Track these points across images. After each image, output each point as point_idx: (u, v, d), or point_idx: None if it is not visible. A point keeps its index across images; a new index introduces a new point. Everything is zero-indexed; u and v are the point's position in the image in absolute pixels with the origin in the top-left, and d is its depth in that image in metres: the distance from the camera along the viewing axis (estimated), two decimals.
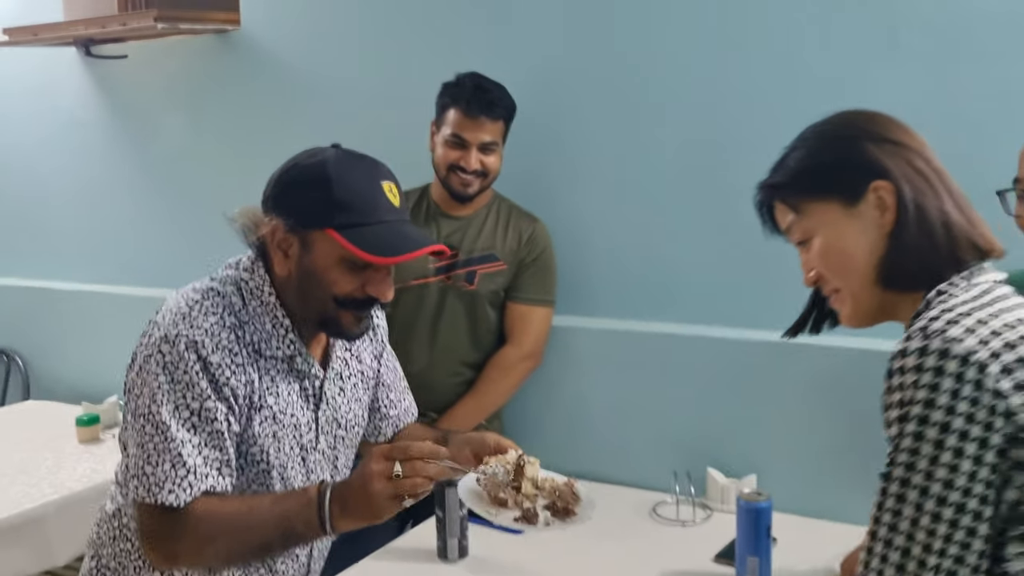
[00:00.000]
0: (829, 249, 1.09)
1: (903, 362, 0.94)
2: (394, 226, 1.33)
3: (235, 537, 1.29)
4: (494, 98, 2.14)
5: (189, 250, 2.88)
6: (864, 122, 1.11)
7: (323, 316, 1.36)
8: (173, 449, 1.27)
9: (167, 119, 2.98)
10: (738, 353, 2.13)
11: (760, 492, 1.72)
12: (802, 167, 1.12)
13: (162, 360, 1.29)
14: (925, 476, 0.91)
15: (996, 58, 1.86)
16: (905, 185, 1.04)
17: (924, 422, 0.91)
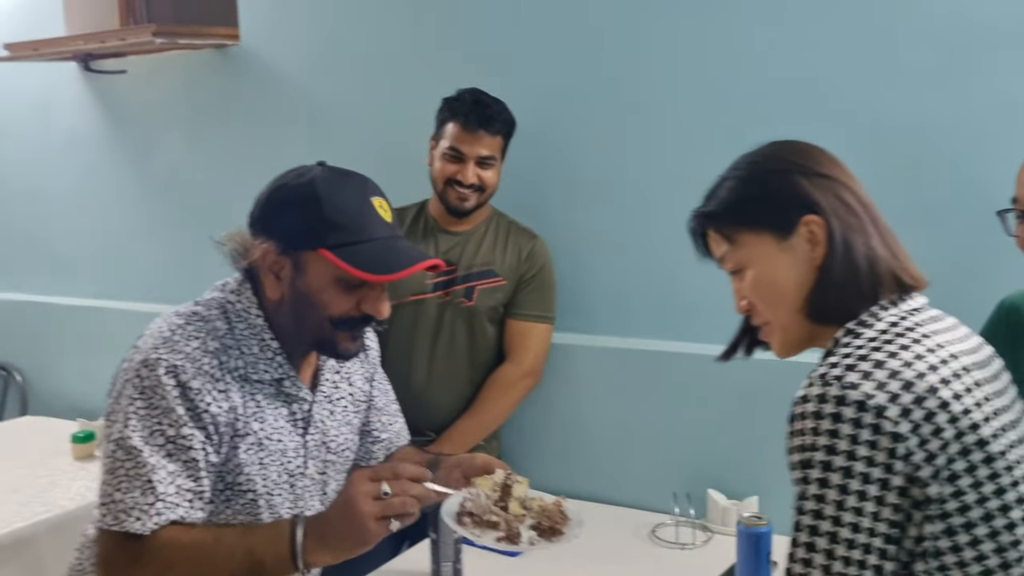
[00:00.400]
0: (761, 281, 1.11)
1: (803, 408, 0.96)
2: (388, 242, 1.30)
3: (197, 568, 1.23)
4: (493, 113, 2.12)
5: (189, 266, 2.87)
6: (796, 155, 1.12)
7: (319, 338, 1.34)
8: (144, 475, 1.23)
9: (166, 134, 2.97)
10: (742, 373, 2.07)
11: (760, 516, 1.68)
12: (736, 198, 1.13)
13: (140, 384, 1.26)
14: (832, 522, 0.93)
15: (998, 72, 1.84)
16: (835, 220, 1.06)
17: (827, 468, 0.93)
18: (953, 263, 1.85)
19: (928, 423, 0.93)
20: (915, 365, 0.96)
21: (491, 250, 2.22)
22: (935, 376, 0.95)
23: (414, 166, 2.25)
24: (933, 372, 0.95)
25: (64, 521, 2.18)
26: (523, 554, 1.92)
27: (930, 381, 0.94)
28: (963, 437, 0.94)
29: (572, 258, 2.30)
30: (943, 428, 0.93)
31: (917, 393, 0.93)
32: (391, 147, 2.48)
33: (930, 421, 0.93)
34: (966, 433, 0.94)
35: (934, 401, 0.93)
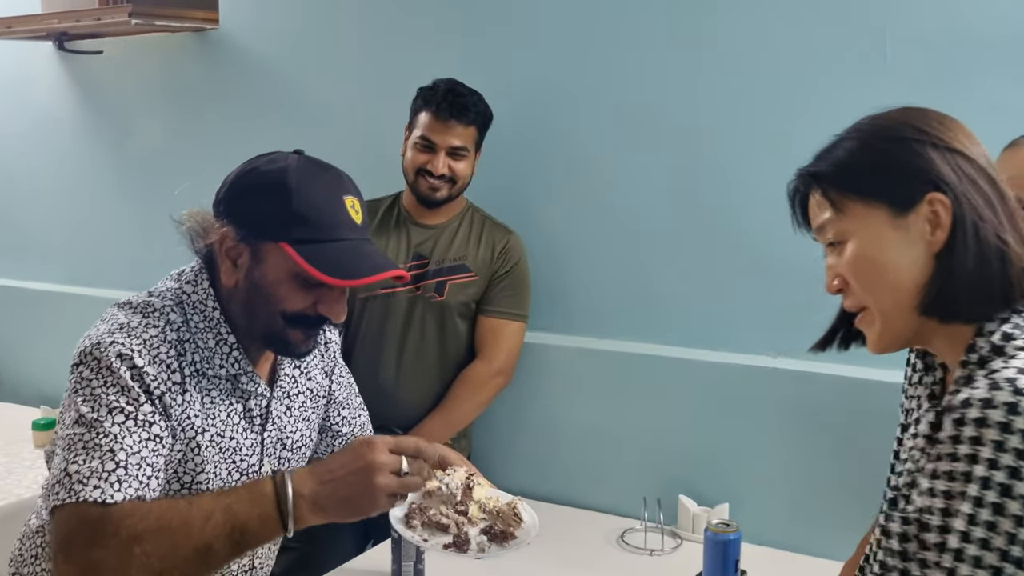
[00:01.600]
0: (863, 258, 0.97)
1: (986, 413, 0.83)
2: (354, 245, 1.25)
3: (170, 537, 1.10)
4: (467, 103, 2.08)
5: (163, 253, 2.78)
6: (930, 124, 0.97)
7: (269, 333, 1.28)
8: (104, 445, 1.14)
9: (143, 118, 2.92)
10: (716, 377, 2.06)
11: (729, 523, 1.64)
12: (853, 161, 0.99)
13: (95, 366, 1.19)
14: (1001, 556, 0.83)
15: (986, 77, 1.80)
16: (965, 203, 0.93)
17: (1007, 493, 0.82)
18: None
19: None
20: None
21: (464, 244, 2.17)
22: None
23: (393, 157, 2.20)
24: None
25: (17, 510, 2.12)
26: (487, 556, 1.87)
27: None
28: None
29: (548, 255, 2.26)
30: None
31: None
32: (370, 136, 2.43)
33: None
34: None
35: None
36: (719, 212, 2.07)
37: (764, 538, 1.89)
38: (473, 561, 1.83)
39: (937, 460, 0.87)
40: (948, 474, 0.86)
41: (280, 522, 1.12)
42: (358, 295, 2.15)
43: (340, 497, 1.13)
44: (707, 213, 2.08)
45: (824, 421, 1.92)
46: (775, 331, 2.00)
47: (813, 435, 1.95)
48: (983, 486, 0.83)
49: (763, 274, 2.01)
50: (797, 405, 1.95)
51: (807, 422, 1.94)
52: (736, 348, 2.06)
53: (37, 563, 1.33)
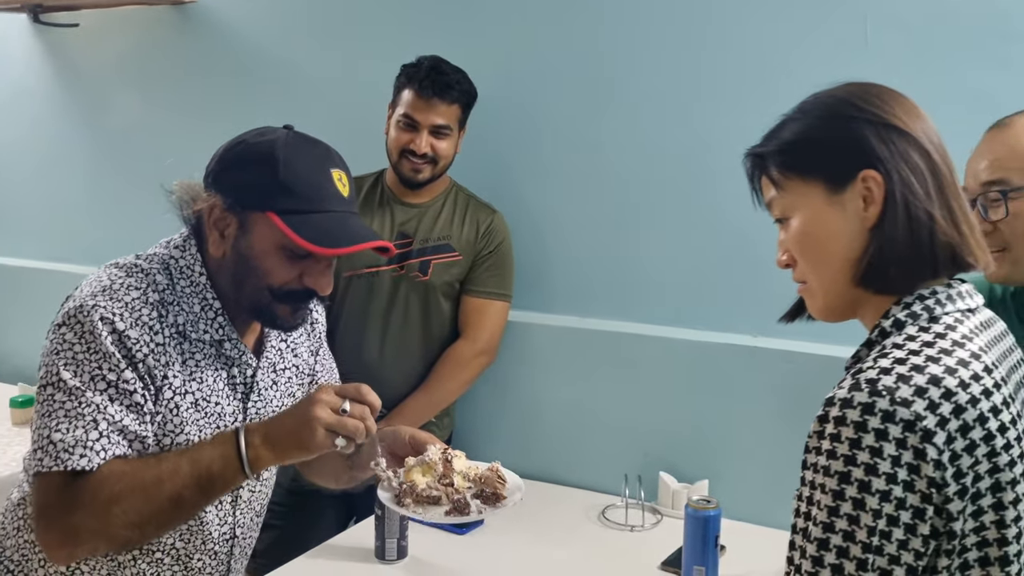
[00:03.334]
0: (805, 233, 1.01)
1: (845, 412, 0.87)
2: (339, 217, 1.26)
3: (144, 493, 1.17)
4: (450, 80, 2.07)
5: (141, 229, 2.76)
6: (870, 101, 0.99)
7: (256, 305, 1.30)
8: (88, 414, 1.18)
9: (119, 92, 2.88)
10: (698, 356, 2.08)
11: (709, 499, 1.66)
12: (792, 140, 1.02)
13: (79, 330, 1.20)
14: (863, 548, 0.86)
15: (965, 63, 1.82)
16: (896, 179, 0.95)
17: (865, 489, 0.86)
18: None
19: (968, 454, 0.86)
20: (971, 387, 0.88)
21: (448, 224, 2.17)
22: (987, 403, 0.88)
23: (377, 132, 2.19)
24: (986, 398, 0.88)
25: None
26: (469, 531, 1.90)
27: (982, 408, 0.87)
28: (998, 473, 0.87)
29: (532, 235, 2.26)
30: (980, 461, 0.87)
31: (965, 420, 0.86)
32: (352, 113, 2.41)
33: (971, 453, 0.86)
34: (1002, 470, 0.88)
35: (979, 432, 0.87)
36: (701, 192, 2.08)
37: (743, 514, 1.92)
38: (456, 537, 1.87)
39: (806, 452, 0.92)
40: (814, 466, 0.90)
41: (239, 460, 1.19)
42: (342, 274, 2.15)
43: (285, 430, 1.19)
44: (689, 193, 2.09)
45: (803, 399, 1.92)
46: (756, 310, 2.02)
47: (792, 413, 1.96)
48: (842, 480, 0.87)
49: (745, 253, 2.03)
50: (777, 383, 1.98)
51: (786, 400, 1.97)
52: (717, 327, 2.08)
53: (19, 535, 1.34)
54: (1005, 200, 1.29)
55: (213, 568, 1.39)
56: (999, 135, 1.33)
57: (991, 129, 1.36)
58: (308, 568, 1.74)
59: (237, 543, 1.42)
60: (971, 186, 1.35)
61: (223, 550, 1.39)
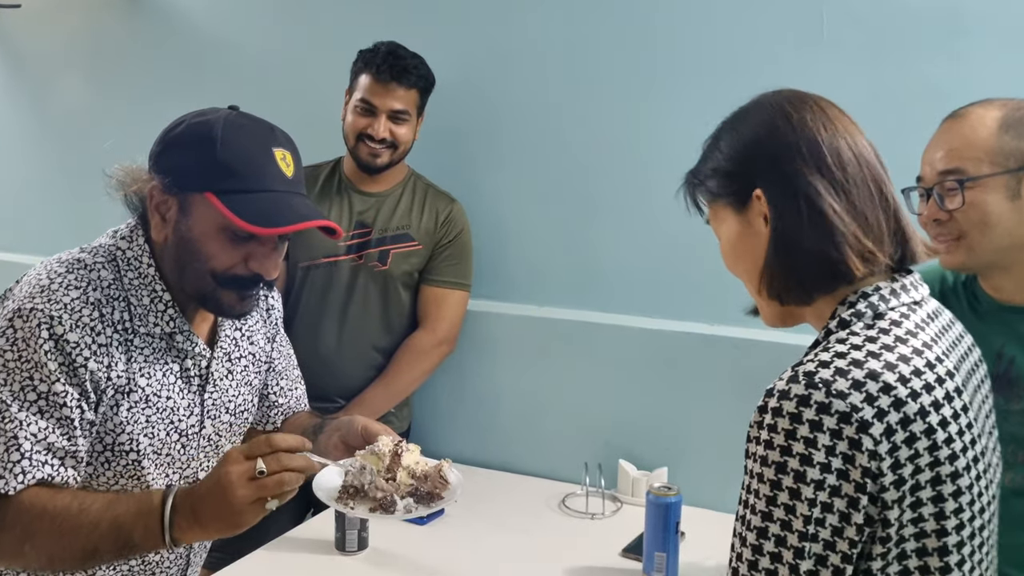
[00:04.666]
0: (726, 251, 1.07)
1: (781, 404, 0.89)
2: (282, 197, 1.22)
3: (58, 539, 1.14)
4: (408, 65, 2.06)
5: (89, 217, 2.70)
6: (773, 114, 1.01)
7: (200, 291, 1.25)
8: (10, 431, 1.14)
9: (65, 76, 2.81)
10: (655, 344, 2.10)
11: (670, 487, 1.68)
12: (705, 164, 1.08)
13: (13, 336, 1.16)
14: (799, 536, 0.88)
15: (919, 56, 1.86)
16: (781, 193, 0.98)
17: (800, 478, 0.88)
18: None
19: (907, 447, 0.88)
20: (911, 382, 0.89)
21: (407, 213, 2.15)
22: (928, 398, 0.89)
23: (333, 120, 2.17)
24: (927, 392, 0.89)
25: None
26: (430, 522, 1.89)
27: (922, 402, 0.89)
28: (938, 467, 0.89)
29: (490, 224, 2.26)
30: (920, 454, 0.88)
31: (906, 413, 0.88)
32: (307, 99, 2.38)
33: (910, 445, 0.88)
34: (943, 463, 0.89)
35: (920, 425, 0.88)
36: (659, 183, 2.07)
37: (701, 500, 1.94)
38: (417, 528, 1.86)
39: (748, 441, 0.94)
40: (754, 456, 0.92)
41: (162, 535, 1.13)
42: (299, 264, 2.13)
43: (213, 512, 1.12)
44: (646, 183, 2.10)
45: (759, 386, 1.91)
46: (711, 299, 2.04)
47: (748, 400, 1.96)
48: (779, 470, 0.89)
49: (701, 244, 2.03)
50: (733, 371, 2.00)
51: (743, 387, 1.97)
52: (674, 315, 2.10)
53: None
54: (961, 189, 1.31)
55: (171, 563, 1.37)
56: (955, 126, 1.35)
57: (947, 120, 1.38)
58: (268, 560, 1.72)
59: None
60: (927, 175, 1.38)
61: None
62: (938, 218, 1.36)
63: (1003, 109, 1.32)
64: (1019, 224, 1.31)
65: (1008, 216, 1.31)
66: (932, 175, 1.36)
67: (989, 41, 1.80)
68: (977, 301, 1.42)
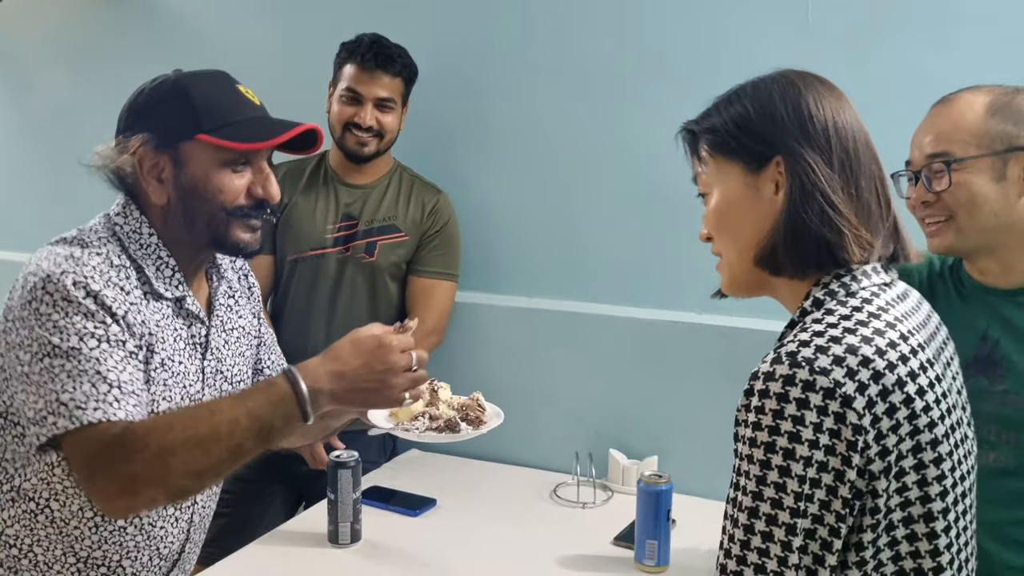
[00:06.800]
0: (721, 209, 1.07)
1: (768, 385, 0.91)
2: (263, 118, 1.31)
3: (200, 444, 1.15)
4: (392, 53, 2.07)
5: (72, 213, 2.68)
6: (794, 88, 1.04)
7: (215, 233, 1.29)
8: (90, 370, 1.16)
9: (48, 71, 2.78)
10: (644, 333, 2.10)
11: (660, 475, 1.69)
12: (720, 120, 1.07)
13: (51, 300, 1.17)
14: (791, 513, 0.90)
15: (906, 44, 1.86)
16: (803, 169, 1.00)
17: (789, 456, 0.89)
18: None
19: (888, 417, 0.90)
20: (888, 354, 0.92)
21: (394, 204, 2.15)
22: (904, 368, 0.92)
23: (316, 114, 2.15)
24: (903, 363, 0.92)
25: None
26: (422, 513, 1.90)
27: (899, 373, 0.91)
28: (918, 435, 0.91)
29: (478, 215, 2.26)
30: (901, 424, 0.90)
31: (884, 385, 0.90)
32: (292, 93, 2.33)
33: (891, 416, 0.90)
34: (922, 431, 0.92)
35: (899, 395, 0.91)
36: (646, 172, 2.10)
37: (691, 488, 1.95)
38: (410, 520, 1.87)
39: (736, 425, 0.95)
40: (743, 439, 0.93)
41: (302, 417, 1.20)
42: (287, 257, 2.12)
43: (358, 393, 1.24)
44: (634, 173, 2.11)
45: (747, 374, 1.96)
46: (699, 288, 2.02)
47: (737, 388, 1.96)
48: (768, 450, 0.90)
49: (688, 232, 2.02)
50: (722, 359, 2.01)
51: (731, 375, 1.97)
52: (662, 304, 2.11)
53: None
54: (948, 171, 1.34)
55: (174, 537, 1.38)
56: (944, 110, 1.38)
57: (936, 105, 1.41)
58: (261, 554, 1.72)
59: (196, 511, 1.41)
60: (916, 158, 1.40)
61: (184, 517, 1.38)
62: (926, 200, 1.38)
63: (991, 94, 1.35)
64: (1004, 205, 1.34)
65: (994, 197, 1.33)
66: (921, 158, 1.39)
67: (976, 28, 1.81)
68: (963, 285, 1.44)
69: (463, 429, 1.48)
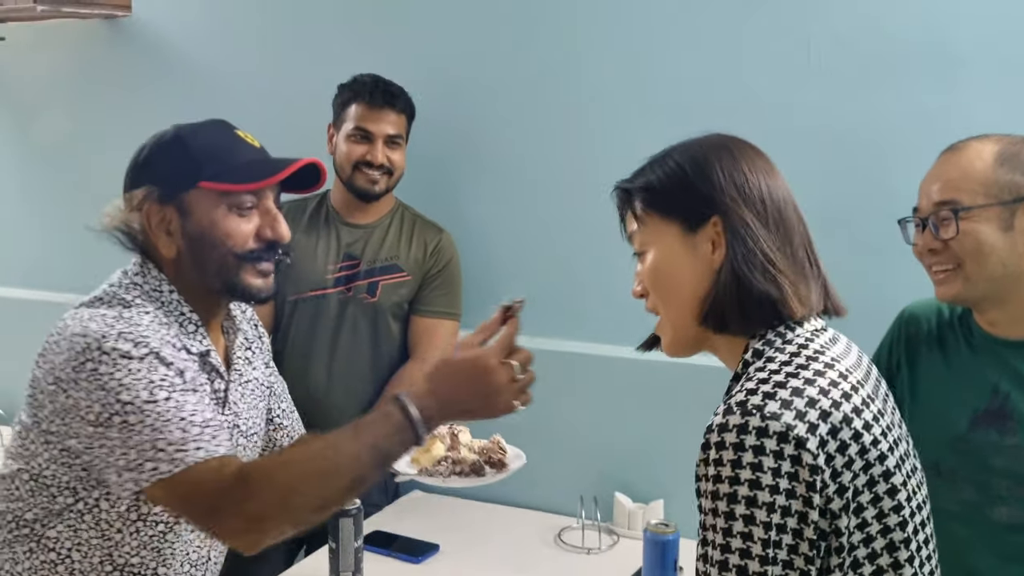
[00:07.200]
0: (658, 268, 1.08)
1: (723, 436, 0.92)
2: (263, 159, 1.31)
3: (323, 480, 1.16)
4: (396, 91, 2.07)
5: (71, 249, 2.68)
6: (728, 152, 1.07)
7: (226, 279, 1.28)
8: (172, 417, 1.15)
9: (49, 108, 2.78)
10: (648, 374, 2.08)
11: (668, 523, 1.66)
12: (657, 181, 1.09)
13: (110, 360, 1.16)
14: (760, 561, 0.90)
15: (908, 83, 1.85)
16: (741, 228, 1.02)
17: (752, 503, 0.90)
18: (853, 267, 1.86)
19: (841, 455, 0.92)
20: (831, 393, 0.94)
21: (396, 244, 2.13)
22: (848, 405, 0.94)
23: (317, 150, 2.14)
24: (847, 401, 0.95)
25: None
26: (425, 560, 1.87)
27: (844, 410, 0.94)
28: (871, 469, 0.93)
29: (478, 253, 2.24)
30: (854, 460, 0.92)
31: (833, 423, 0.92)
32: (291, 129, 2.33)
33: (843, 453, 0.92)
34: (873, 464, 0.94)
35: (847, 432, 0.93)
36: None
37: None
38: (412, 566, 1.84)
39: (697, 481, 0.96)
40: (705, 494, 0.94)
41: (416, 442, 1.20)
42: (287, 298, 2.10)
43: (467, 413, 1.23)
44: None
45: None
46: None
47: None
48: (731, 501, 0.91)
49: None
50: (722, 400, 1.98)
51: None
52: None
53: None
54: (956, 219, 1.33)
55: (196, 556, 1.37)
56: (952, 158, 1.37)
57: (944, 152, 1.40)
58: None
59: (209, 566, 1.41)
60: (923, 206, 1.39)
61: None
62: (933, 248, 1.37)
63: (1000, 144, 1.34)
64: (1012, 255, 1.32)
65: (1001, 246, 1.32)
66: (928, 205, 1.38)
67: (981, 70, 1.80)
68: (972, 335, 1.42)
69: (487, 472, 1.49)
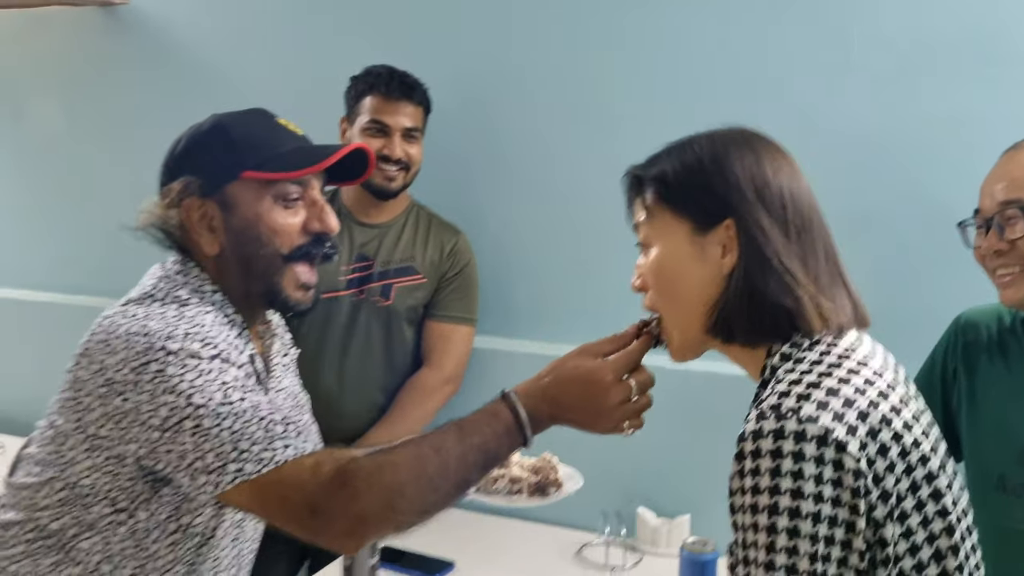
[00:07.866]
0: (663, 265, 1.03)
1: (759, 444, 0.86)
2: (307, 146, 1.25)
3: (429, 482, 1.07)
4: (412, 82, 1.98)
5: (68, 246, 2.59)
6: (752, 150, 1.00)
7: (269, 282, 1.21)
8: (254, 416, 1.07)
9: (42, 99, 2.67)
10: (672, 384, 1.96)
11: (705, 541, 1.58)
12: (671, 173, 1.02)
13: (177, 360, 1.08)
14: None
15: (947, 83, 1.79)
16: (757, 233, 0.96)
17: (795, 515, 0.84)
18: (891, 270, 1.81)
19: (882, 457, 0.86)
20: (868, 392, 0.89)
21: (411, 245, 2.04)
22: (886, 405, 0.89)
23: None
24: (884, 400, 0.89)
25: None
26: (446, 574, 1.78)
27: (882, 411, 0.88)
28: (913, 472, 0.88)
29: (496, 256, 2.16)
30: (895, 463, 0.87)
31: (872, 424, 0.86)
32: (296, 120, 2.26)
33: (884, 455, 0.86)
34: (915, 468, 0.88)
35: (887, 433, 0.87)
36: None
37: (724, 547, 1.84)
38: None
39: (731, 495, 0.89)
40: (742, 508, 0.87)
41: (524, 443, 1.14)
42: None
43: (575, 423, 1.16)
44: None
45: None
46: None
47: None
48: (772, 513, 0.85)
49: None
50: None
51: None
52: None
53: None
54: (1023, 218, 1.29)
55: None
56: (1016, 156, 1.33)
57: (1008, 151, 1.36)
58: None
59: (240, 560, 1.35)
60: (987, 206, 1.35)
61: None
62: (999, 249, 1.32)
63: None
64: None
65: None
66: (992, 205, 1.33)
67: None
68: None
69: (551, 493, 1.47)
